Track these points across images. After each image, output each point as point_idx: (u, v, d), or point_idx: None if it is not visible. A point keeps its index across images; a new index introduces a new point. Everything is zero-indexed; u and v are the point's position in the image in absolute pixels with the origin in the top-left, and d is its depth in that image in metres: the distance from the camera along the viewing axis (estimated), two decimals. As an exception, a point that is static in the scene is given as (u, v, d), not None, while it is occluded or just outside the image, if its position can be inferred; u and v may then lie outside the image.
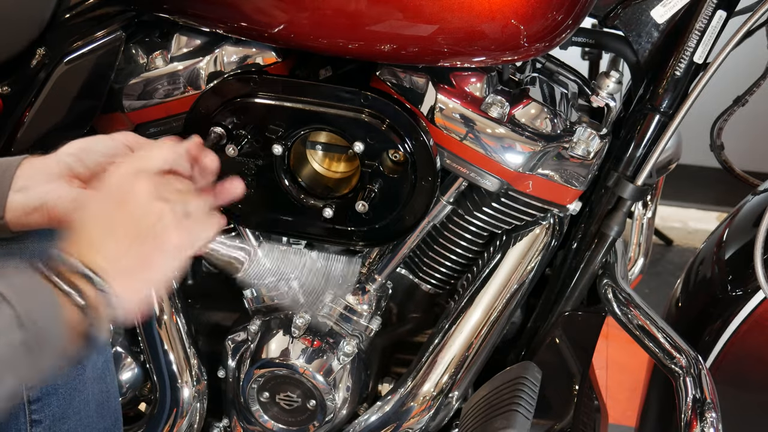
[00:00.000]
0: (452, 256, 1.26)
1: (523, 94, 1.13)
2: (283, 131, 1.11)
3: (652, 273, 2.63)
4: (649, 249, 1.64)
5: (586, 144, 1.12)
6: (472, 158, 1.12)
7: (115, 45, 1.10)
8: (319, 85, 1.10)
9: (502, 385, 1.19)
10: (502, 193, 1.17)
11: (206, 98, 1.13)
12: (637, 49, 1.16)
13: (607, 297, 1.18)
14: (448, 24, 0.99)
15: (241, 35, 1.10)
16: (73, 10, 1.11)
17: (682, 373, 1.06)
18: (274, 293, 1.26)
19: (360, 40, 1.03)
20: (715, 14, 1.10)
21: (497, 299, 1.22)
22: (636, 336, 1.14)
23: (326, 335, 1.24)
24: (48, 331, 0.78)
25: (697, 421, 1.00)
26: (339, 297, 1.24)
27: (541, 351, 1.25)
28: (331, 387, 1.22)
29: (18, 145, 1.08)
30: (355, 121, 1.09)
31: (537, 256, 1.22)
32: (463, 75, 1.10)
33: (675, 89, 1.13)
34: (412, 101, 1.11)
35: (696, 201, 2.99)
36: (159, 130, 1.21)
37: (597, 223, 1.19)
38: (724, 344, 1.24)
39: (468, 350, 1.22)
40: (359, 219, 1.15)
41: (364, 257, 1.28)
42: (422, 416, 1.23)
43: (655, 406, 1.39)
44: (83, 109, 1.14)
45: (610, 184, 1.17)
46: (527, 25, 0.99)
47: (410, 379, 1.23)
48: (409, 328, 1.35)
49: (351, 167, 1.17)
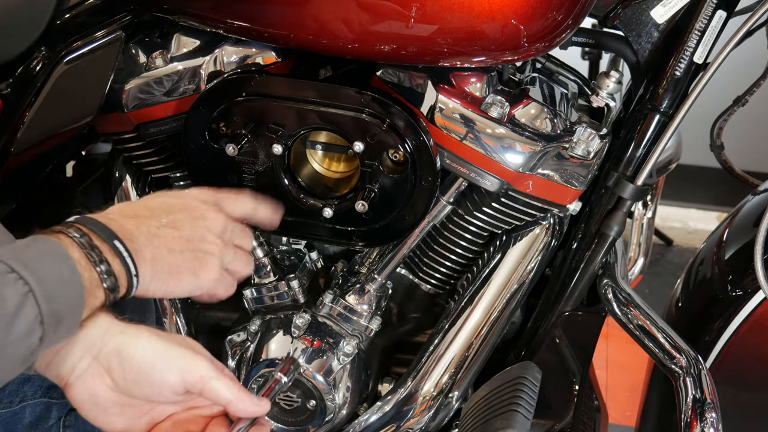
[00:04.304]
0: (452, 256, 1.26)
1: (523, 94, 1.13)
2: (283, 131, 1.11)
3: (652, 273, 2.63)
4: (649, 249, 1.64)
5: (586, 144, 1.12)
6: (472, 158, 1.12)
7: (114, 45, 1.10)
8: (319, 84, 1.10)
9: (502, 385, 1.19)
10: (502, 193, 1.17)
11: (206, 98, 1.13)
12: (637, 49, 1.16)
13: (607, 297, 1.18)
14: (448, 24, 0.99)
15: (241, 35, 1.10)
16: (73, 10, 1.10)
17: (682, 373, 1.06)
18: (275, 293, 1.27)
19: (360, 40, 1.03)
20: (715, 14, 1.10)
21: (497, 299, 1.22)
22: (636, 336, 1.14)
23: (326, 335, 1.23)
24: (65, 310, 0.77)
25: (697, 421, 1.00)
26: (339, 297, 1.24)
27: (541, 351, 1.24)
28: (331, 387, 1.22)
29: (18, 145, 1.08)
30: (355, 121, 1.09)
31: (537, 256, 1.22)
32: (463, 75, 1.10)
33: (675, 89, 1.13)
34: (412, 101, 1.11)
35: (696, 201, 3.00)
36: (159, 130, 1.21)
37: (597, 223, 1.19)
38: (724, 344, 1.24)
39: (468, 350, 1.22)
40: (359, 219, 1.15)
41: (364, 257, 1.28)
42: (422, 416, 1.23)
43: (655, 406, 1.39)
44: (83, 109, 1.14)
45: (610, 184, 1.17)
46: (527, 25, 0.99)
47: (410, 379, 1.23)
48: (409, 328, 1.35)
49: (351, 167, 1.17)
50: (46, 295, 0.74)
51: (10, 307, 0.71)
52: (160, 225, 0.89)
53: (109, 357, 0.83)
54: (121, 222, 0.86)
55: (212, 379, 0.83)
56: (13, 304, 0.72)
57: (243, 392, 0.85)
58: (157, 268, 0.88)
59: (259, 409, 0.86)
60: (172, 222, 0.91)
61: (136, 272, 0.84)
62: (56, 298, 0.75)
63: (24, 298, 0.72)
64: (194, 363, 0.84)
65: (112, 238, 0.83)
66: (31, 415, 0.99)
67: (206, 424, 0.88)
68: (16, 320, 0.72)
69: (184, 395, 0.85)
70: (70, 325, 0.79)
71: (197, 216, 0.94)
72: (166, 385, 0.83)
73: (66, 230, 0.81)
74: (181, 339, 0.87)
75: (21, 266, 0.73)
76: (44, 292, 0.74)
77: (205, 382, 0.83)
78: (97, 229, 0.82)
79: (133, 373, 0.83)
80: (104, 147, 1.48)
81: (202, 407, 0.88)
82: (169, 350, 0.84)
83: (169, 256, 0.89)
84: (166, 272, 0.89)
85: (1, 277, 0.72)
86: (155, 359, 0.83)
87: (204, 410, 0.88)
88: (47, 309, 0.74)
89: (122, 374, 0.83)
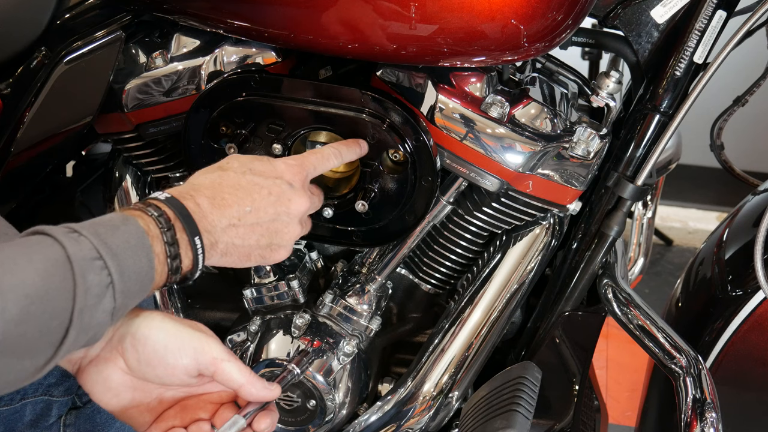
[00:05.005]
0: (452, 256, 1.26)
1: (523, 94, 1.13)
2: (283, 131, 1.11)
3: (652, 273, 2.63)
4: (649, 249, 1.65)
5: (586, 144, 1.12)
6: (472, 158, 1.12)
7: (114, 45, 1.10)
8: (319, 84, 1.10)
9: (502, 385, 1.19)
10: (502, 193, 1.17)
11: (206, 98, 1.13)
12: (637, 49, 1.16)
13: (607, 297, 1.18)
14: (448, 24, 0.99)
15: (241, 35, 1.10)
16: (73, 10, 1.11)
17: (682, 373, 1.06)
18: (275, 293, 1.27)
19: (360, 40, 1.03)
20: (715, 14, 1.10)
21: (497, 299, 1.22)
22: (636, 336, 1.14)
23: (326, 335, 1.23)
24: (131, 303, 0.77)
25: (697, 421, 1.00)
26: (339, 297, 1.24)
27: (541, 351, 1.24)
28: (331, 387, 1.22)
29: (18, 145, 1.08)
30: (355, 121, 1.09)
31: (537, 256, 1.22)
32: (463, 75, 1.10)
33: (675, 89, 1.13)
34: (412, 101, 1.11)
35: (696, 201, 3.00)
36: (159, 130, 1.21)
37: (597, 223, 1.19)
38: (724, 344, 1.24)
39: (468, 350, 1.22)
40: (359, 219, 1.15)
41: (364, 257, 1.28)
42: (422, 416, 1.23)
43: (655, 406, 1.39)
44: (83, 109, 1.14)
45: (610, 184, 1.17)
46: (527, 25, 0.99)
47: (410, 379, 1.23)
48: (409, 328, 1.35)
49: (351, 167, 1.17)
50: (123, 290, 0.74)
51: (92, 298, 0.71)
52: (242, 214, 0.88)
53: (122, 339, 0.83)
54: (206, 211, 0.85)
55: (225, 362, 0.84)
56: (94, 295, 0.71)
57: (254, 376, 0.85)
58: (227, 255, 0.88)
59: (270, 393, 0.86)
60: (255, 210, 0.90)
61: (201, 266, 0.84)
62: (130, 294, 0.75)
63: (105, 290, 0.72)
64: (207, 345, 0.84)
65: (194, 234, 0.82)
66: (32, 413, 0.99)
67: (215, 410, 0.88)
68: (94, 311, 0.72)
69: (197, 378, 0.86)
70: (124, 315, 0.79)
71: (282, 201, 0.92)
72: (179, 367, 0.83)
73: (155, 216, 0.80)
74: (192, 323, 0.87)
75: (108, 254, 0.73)
76: (123, 287, 0.74)
77: (218, 364, 0.84)
78: (183, 221, 0.82)
79: (147, 354, 0.83)
80: (104, 147, 1.48)
81: (212, 393, 0.88)
82: (182, 332, 0.84)
83: (243, 245, 0.89)
84: (235, 257, 0.89)
85: (90, 262, 0.71)
86: (168, 341, 0.83)
87: (213, 396, 0.88)
88: (120, 303, 0.74)
89: (136, 356, 0.83)
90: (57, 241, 0.71)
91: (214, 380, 0.86)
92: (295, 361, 0.99)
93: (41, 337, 0.69)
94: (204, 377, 0.86)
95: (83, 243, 0.72)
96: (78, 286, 0.70)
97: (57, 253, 0.70)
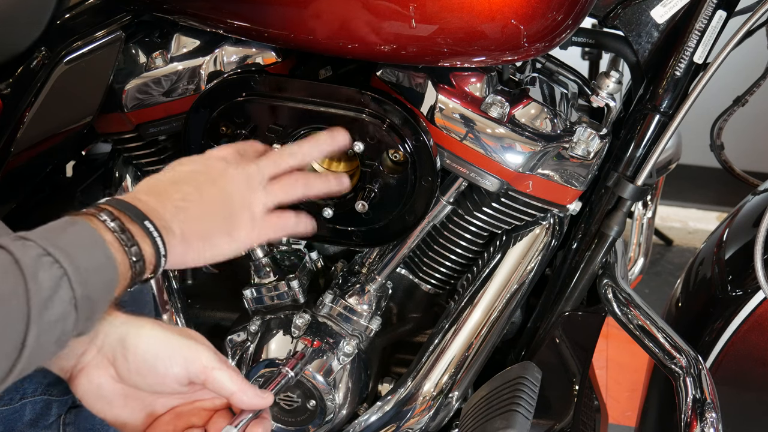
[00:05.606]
0: (452, 256, 1.26)
1: (523, 94, 1.13)
2: (283, 131, 1.11)
3: (652, 273, 2.63)
4: (649, 249, 1.65)
5: (586, 144, 1.12)
6: (472, 158, 1.12)
7: (114, 45, 1.10)
8: (319, 84, 1.10)
9: (502, 385, 1.19)
10: (502, 193, 1.17)
11: (206, 98, 1.13)
12: (637, 49, 1.16)
13: (607, 297, 1.18)
14: (448, 24, 0.99)
15: (241, 35, 1.10)
16: (73, 10, 1.11)
17: (682, 373, 1.06)
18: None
19: (360, 40, 1.03)
20: (715, 14, 1.10)
21: (497, 299, 1.22)
22: (636, 336, 1.14)
23: (326, 335, 1.23)
24: (98, 295, 0.77)
25: (697, 422, 1.00)
26: (339, 297, 1.24)
27: (541, 351, 1.24)
28: (331, 387, 1.22)
29: (18, 145, 1.08)
30: (355, 121, 1.09)
31: (537, 256, 1.22)
32: (463, 75, 1.10)
33: (675, 89, 1.13)
34: (412, 101, 1.11)
35: (696, 201, 3.00)
36: (159, 130, 1.21)
37: (597, 223, 1.19)
38: (724, 344, 1.24)
39: (468, 350, 1.22)
40: (359, 219, 1.15)
41: (364, 257, 1.28)
42: (422, 416, 1.23)
43: (655, 406, 1.39)
44: (83, 109, 1.14)
45: (610, 184, 1.17)
46: (527, 25, 0.99)
47: (410, 379, 1.23)
48: (409, 328, 1.35)
49: (351, 167, 1.17)
50: (80, 280, 0.73)
51: (45, 291, 0.71)
52: (184, 196, 0.88)
53: (113, 348, 0.83)
54: (146, 200, 0.85)
55: (215, 370, 0.83)
56: (48, 288, 0.71)
57: (246, 384, 0.85)
58: (189, 241, 0.87)
59: (263, 401, 0.85)
60: (195, 189, 0.90)
61: (165, 252, 0.84)
62: (90, 283, 0.74)
63: (59, 281, 0.72)
64: (197, 353, 0.84)
65: (142, 219, 0.82)
66: (31, 412, 0.99)
67: (209, 417, 0.87)
68: (50, 304, 0.71)
69: (188, 386, 0.85)
70: (102, 310, 0.78)
71: (218, 175, 0.92)
72: (169, 376, 0.83)
73: (97, 213, 0.80)
74: (183, 330, 0.86)
75: (56, 249, 0.72)
76: (79, 276, 0.73)
77: (208, 372, 0.83)
78: (127, 211, 0.81)
79: (137, 363, 0.83)
80: (104, 147, 1.48)
81: (205, 400, 0.88)
82: (172, 341, 0.84)
83: (198, 225, 0.88)
84: (199, 241, 0.89)
85: (37, 260, 0.71)
86: (158, 349, 0.83)
87: (207, 403, 0.88)
88: (81, 293, 0.73)
89: (126, 365, 0.83)
90: (3, 248, 0.71)
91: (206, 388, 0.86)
92: (289, 365, 0.99)
93: (1, 343, 0.68)
94: (196, 385, 0.85)
95: (30, 246, 0.72)
96: (29, 283, 0.70)
97: (5, 260, 0.70)
